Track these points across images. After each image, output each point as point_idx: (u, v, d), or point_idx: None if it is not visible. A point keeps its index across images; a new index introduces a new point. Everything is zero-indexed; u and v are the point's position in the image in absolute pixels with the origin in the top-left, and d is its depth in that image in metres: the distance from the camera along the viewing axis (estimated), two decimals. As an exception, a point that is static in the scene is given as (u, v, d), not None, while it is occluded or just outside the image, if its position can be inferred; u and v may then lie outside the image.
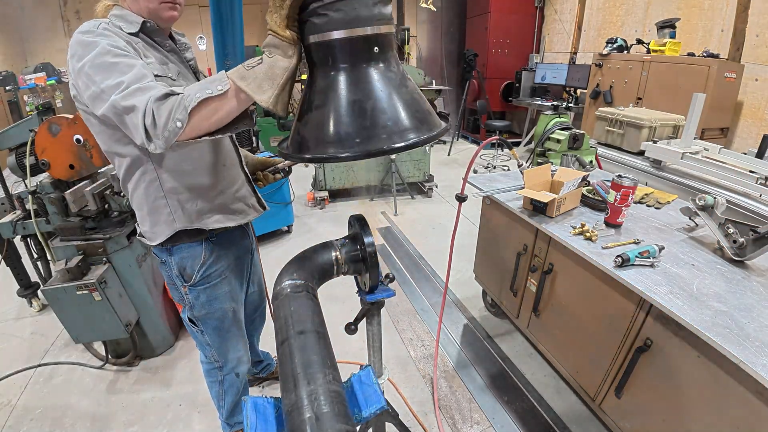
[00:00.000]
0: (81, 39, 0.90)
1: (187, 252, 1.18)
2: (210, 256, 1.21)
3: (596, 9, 5.55)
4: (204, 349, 1.40)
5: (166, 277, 1.25)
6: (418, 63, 7.51)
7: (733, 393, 1.04)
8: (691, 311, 1.11)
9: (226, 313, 1.32)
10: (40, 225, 2.03)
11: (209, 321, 1.30)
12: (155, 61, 1.00)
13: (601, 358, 1.49)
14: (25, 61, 6.10)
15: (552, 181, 1.79)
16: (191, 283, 1.21)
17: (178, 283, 1.22)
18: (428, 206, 4.21)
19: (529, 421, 1.76)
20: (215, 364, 1.43)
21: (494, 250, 2.18)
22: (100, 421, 1.80)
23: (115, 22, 0.97)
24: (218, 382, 1.47)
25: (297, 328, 0.69)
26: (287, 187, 3.33)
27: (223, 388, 1.49)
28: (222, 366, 1.43)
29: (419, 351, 2.19)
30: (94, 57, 0.87)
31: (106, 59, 0.87)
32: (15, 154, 1.97)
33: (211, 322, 1.31)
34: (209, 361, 1.43)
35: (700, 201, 1.39)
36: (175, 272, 1.20)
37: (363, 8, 0.67)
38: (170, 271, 1.21)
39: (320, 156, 0.72)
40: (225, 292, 1.29)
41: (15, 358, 2.19)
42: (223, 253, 1.24)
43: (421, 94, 0.79)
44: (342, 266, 0.92)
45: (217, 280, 1.25)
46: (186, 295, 1.24)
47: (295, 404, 0.56)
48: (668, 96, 3.81)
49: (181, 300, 1.27)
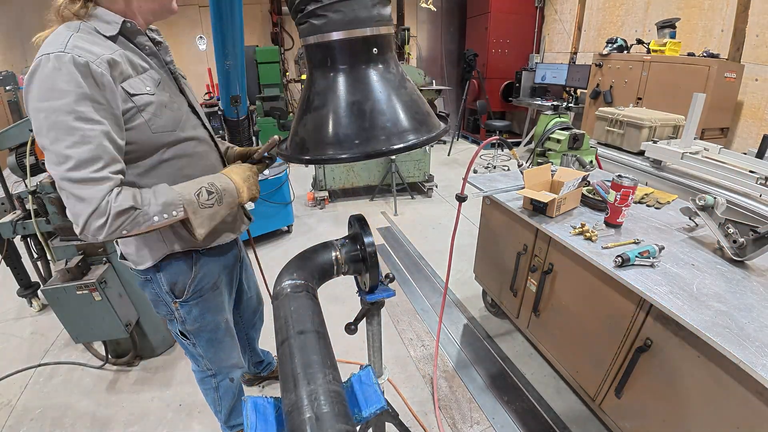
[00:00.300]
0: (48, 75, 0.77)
1: (176, 268, 1.12)
2: (200, 270, 1.16)
3: (596, 9, 5.55)
4: (196, 360, 1.37)
5: (152, 294, 1.17)
6: (418, 63, 7.51)
7: (733, 393, 1.04)
8: (691, 311, 1.11)
9: (218, 324, 1.28)
10: (40, 225, 2.03)
11: (202, 334, 1.26)
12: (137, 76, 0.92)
13: (601, 358, 1.49)
14: (25, 61, 6.09)
15: (552, 181, 1.79)
16: (183, 299, 1.16)
17: (168, 300, 1.16)
18: (428, 206, 4.21)
19: (529, 421, 1.76)
20: (208, 373, 1.40)
21: (494, 250, 2.18)
22: (100, 421, 1.80)
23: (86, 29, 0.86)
24: (213, 389, 1.45)
25: (297, 328, 0.70)
26: (287, 187, 3.33)
27: (218, 395, 1.47)
28: (215, 374, 1.41)
29: (419, 351, 2.19)
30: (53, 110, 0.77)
31: (65, 120, 0.78)
32: (15, 154, 1.97)
33: (204, 335, 1.27)
34: (202, 369, 1.40)
35: (700, 201, 1.39)
36: (165, 289, 1.14)
37: (362, 9, 0.67)
38: (158, 288, 1.14)
39: (319, 157, 0.73)
40: (217, 303, 1.25)
41: (15, 357, 2.19)
42: (212, 266, 1.20)
43: (421, 95, 0.79)
44: (342, 266, 0.92)
45: (208, 293, 1.21)
46: (177, 311, 1.19)
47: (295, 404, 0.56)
48: (668, 96, 3.81)
49: (170, 315, 1.22)
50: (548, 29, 6.52)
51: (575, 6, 5.83)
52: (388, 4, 0.72)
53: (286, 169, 3.29)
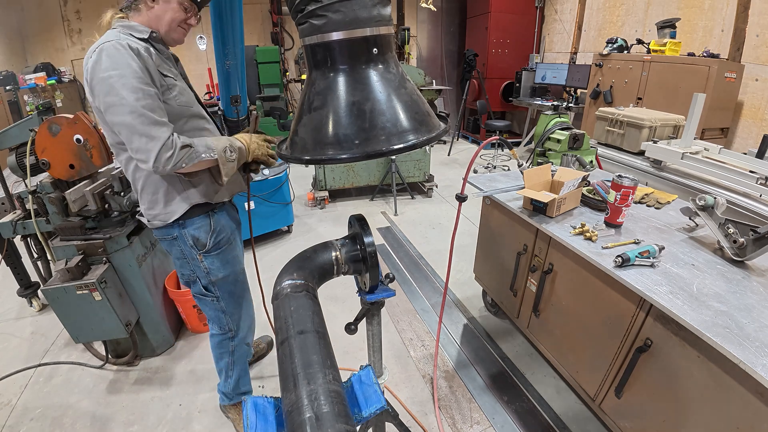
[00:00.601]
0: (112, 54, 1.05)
1: (198, 223, 1.34)
2: (217, 225, 1.38)
3: (596, 9, 5.55)
4: (219, 318, 1.52)
5: (177, 252, 1.37)
6: (418, 63, 7.51)
7: (733, 393, 1.04)
8: (691, 311, 1.11)
9: (237, 276, 1.50)
10: (40, 225, 2.03)
11: (225, 285, 1.46)
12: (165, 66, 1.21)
13: (601, 358, 1.49)
14: (25, 61, 6.09)
15: (552, 181, 1.79)
16: (206, 250, 1.37)
17: (194, 254, 1.36)
18: (428, 206, 4.21)
19: (529, 420, 1.76)
20: (228, 334, 1.54)
21: (494, 250, 2.18)
22: (100, 421, 1.80)
23: (125, 31, 1.13)
24: (229, 353, 1.58)
25: (297, 327, 0.70)
26: (287, 187, 3.33)
27: (233, 359, 1.59)
28: (234, 335, 1.55)
29: (419, 351, 2.19)
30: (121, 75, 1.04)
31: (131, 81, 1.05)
32: (15, 154, 1.97)
33: (226, 287, 1.46)
34: (222, 331, 1.54)
35: (700, 201, 1.39)
36: (189, 243, 1.34)
37: (362, 9, 0.67)
38: (183, 244, 1.35)
39: (319, 157, 0.73)
40: (234, 255, 1.47)
41: (15, 357, 2.19)
42: (225, 223, 1.42)
43: (421, 96, 0.79)
44: (342, 266, 0.92)
45: (225, 245, 1.42)
46: (202, 263, 1.38)
47: (295, 404, 0.56)
48: (668, 96, 3.81)
49: (193, 273, 1.41)
50: (548, 29, 6.52)
51: (575, 6, 5.83)
52: (388, 4, 0.72)
53: (286, 169, 3.29)
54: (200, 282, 1.43)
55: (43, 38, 6.18)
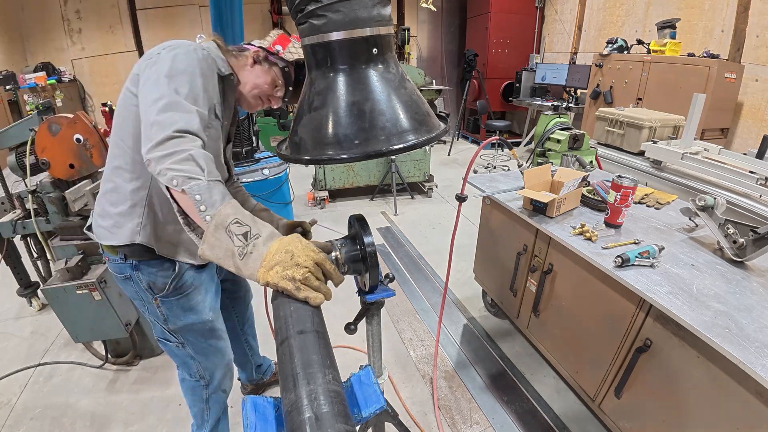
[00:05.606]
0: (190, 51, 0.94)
1: (157, 267, 1.11)
2: (182, 269, 1.14)
3: (596, 9, 5.55)
4: (187, 365, 1.29)
5: (132, 292, 1.15)
6: (419, 63, 7.51)
7: (733, 393, 1.04)
8: (691, 311, 1.11)
9: (204, 323, 1.22)
10: (40, 224, 2.03)
11: (188, 333, 1.21)
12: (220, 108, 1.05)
13: (600, 359, 1.49)
14: (25, 61, 6.09)
15: (552, 181, 1.79)
16: (163, 294, 1.13)
17: (148, 297, 1.14)
18: (428, 206, 4.21)
19: (529, 421, 1.76)
20: (201, 382, 1.32)
21: (494, 250, 2.18)
22: (99, 420, 1.80)
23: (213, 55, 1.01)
24: (202, 401, 1.35)
25: (297, 327, 0.69)
26: (287, 187, 3.33)
27: (207, 406, 1.37)
28: (208, 383, 1.32)
29: (419, 351, 2.19)
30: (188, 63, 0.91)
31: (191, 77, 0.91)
32: (15, 154, 1.97)
33: (190, 334, 1.22)
34: (195, 378, 1.31)
35: (700, 201, 1.39)
36: (143, 287, 1.12)
37: (362, 9, 0.67)
38: (137, 286, 1.12)
39: (319, 157, 0.72)
40: (199, 301, 1.20)
41: (15, 357, 2.19)
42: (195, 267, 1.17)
43: (421, 96, 0.79)
44: (342, 266, 0.92)
45: (190, 289, 1.16)
46: (159, 308, 1.15)
47: (294, 404, 0.56)
48: (668, 96, 3.81)
49: (153, 315, 1.17)
50: (548, 29, 6.52)
51: (575, 6, 5.83)
52: (388, 4, 0.72)
53: (286, 169, 3.29)
54: (159, 326, 1.20)
55: (43, 38, 6.18)
